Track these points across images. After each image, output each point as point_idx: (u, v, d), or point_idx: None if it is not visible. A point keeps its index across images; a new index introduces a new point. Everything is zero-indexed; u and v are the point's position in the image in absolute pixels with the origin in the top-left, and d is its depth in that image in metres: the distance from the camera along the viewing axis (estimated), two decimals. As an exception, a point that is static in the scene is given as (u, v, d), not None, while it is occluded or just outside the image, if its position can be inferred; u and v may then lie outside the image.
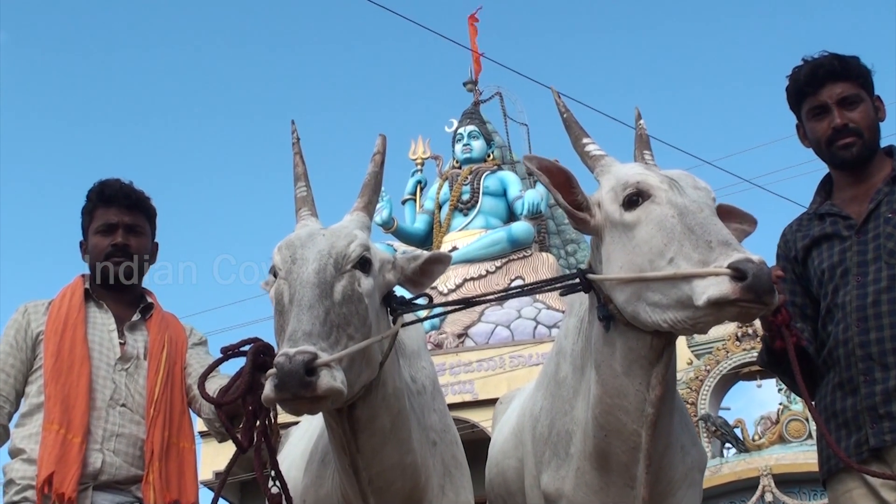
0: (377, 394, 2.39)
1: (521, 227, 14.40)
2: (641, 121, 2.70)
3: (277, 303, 2.30)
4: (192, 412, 3.16)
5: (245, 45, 45.03)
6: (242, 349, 2.43)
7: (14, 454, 2.93)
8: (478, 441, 6.68)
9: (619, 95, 40.63)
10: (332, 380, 2.07)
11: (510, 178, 15.44)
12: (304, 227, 2.45)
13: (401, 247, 13.96)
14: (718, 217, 2.30)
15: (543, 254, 14.56)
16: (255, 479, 2.45)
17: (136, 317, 3.15)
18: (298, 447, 3.16)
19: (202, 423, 3.14)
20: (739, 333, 11.87)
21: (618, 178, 2.40)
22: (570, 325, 2.74)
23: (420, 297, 2.61)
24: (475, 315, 13.55)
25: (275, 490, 2.48)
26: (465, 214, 15.14)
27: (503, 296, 2.82)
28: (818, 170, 2.98)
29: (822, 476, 2.78)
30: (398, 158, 16.46)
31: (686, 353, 12.26)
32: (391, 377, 2.45)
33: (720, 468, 11.39)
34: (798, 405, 11.12)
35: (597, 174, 2.50)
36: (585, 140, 2.55)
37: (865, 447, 2.60)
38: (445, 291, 13.56)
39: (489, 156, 15.87)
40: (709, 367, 12.00)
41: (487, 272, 14.04)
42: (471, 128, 15.96)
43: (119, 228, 3.13)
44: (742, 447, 11.66)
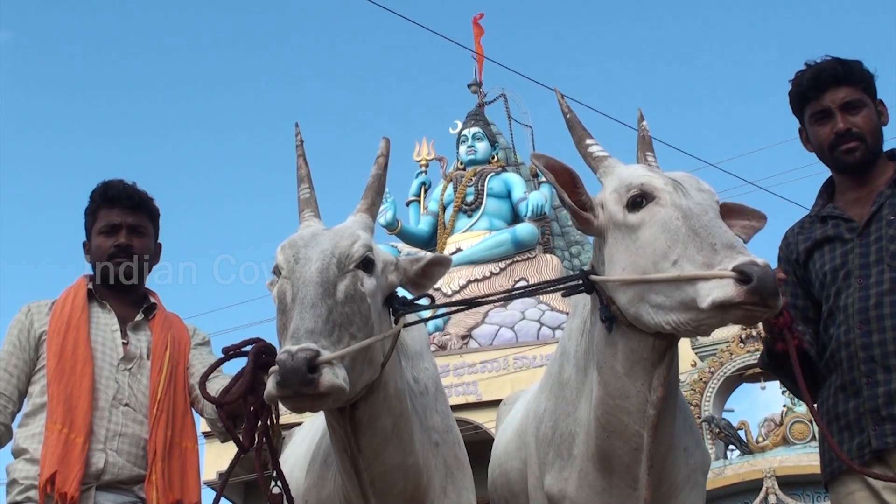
0: (379, 394, 2.39)
1: (526, 229, 14.38)
2: (644, 122, 2.70)
3: (280, 302, 2.30)
4: (195, 412, 3.17)
5: (248, 46, 45.05)
6: (244, 349, 2.43)
7: (17, 454, 2.94)
8: (481, 442, 6.68)
9: (623, 97, 40.57)
10: (335, 377, 2.07)
11: (514, 180, 15.41)
12: (308, 228, 2.46)
13: (405, 248, 13.96)
14: (724, 216, 2.30)
15: (547, 255, 14.53)
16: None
17: (140, 317, 3.16)
18: (301, 448, 3.16)
19: (205, 424, 3.15)
20: (743, 335, 11.83)
21: (621, 180, 2.39)
22: (574, 327, 2.74)
23: (422, 298, 2.61)
24: (479, 316, 13.54)
25: (276, 490, 2.48)
26: (470, 216, 15.11)
27: (505, 297, 2.82)
28: (821, 172, 2.98)
29: (825, 479, 2.77)
30: (402, 160, 16.45)
31: (690, 355, 12.24)
32: (393, 378, 2.45)
33: (723, 470, 11.35)
34: (802, 407, 11.07)
35: (600, 175, 2.50)
36: (589, 141, 2.55)
37: (868, 449, 2.59)
38: (449, 293, 13.55)
39: (493, 157, 15.83)
40: (713, 369, 11.97)
41: (491, 273, 14.01)
42: (475, 129, 15.92)
43: (122, 229, 3.14)
44: (746, 449, 11.63)
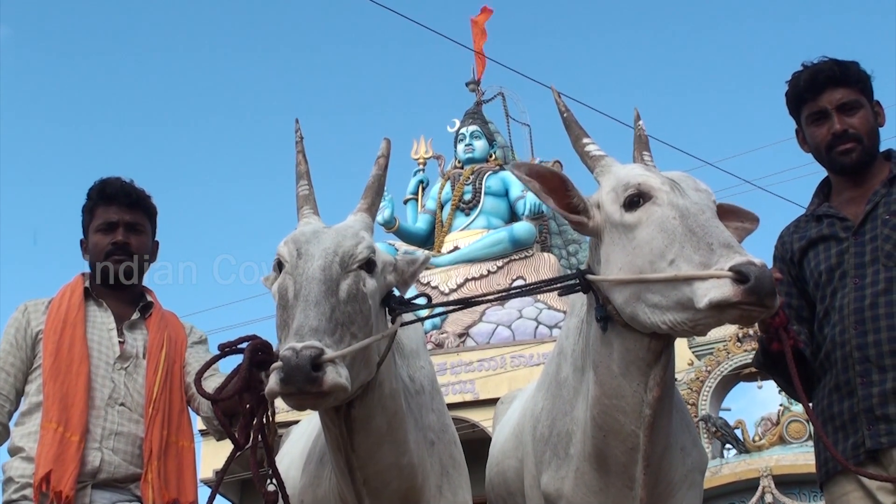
0: (374, 394, 2.39)
1: (523, 228, 14.38)
2: (640, 122, 2.70)
3: (281, 297, 2.29)
4: (192, 411, 3.16)
5: (247, 45, 45.03)
6: (240, 346, 2.42)
7: (13, 452, 2.94)
8: (478, 441, 6.69)
9: (621, 96, 40.56)
10: (338, 376, 2.07)
11: (512, 179, 15.39)
12: (308, 225, 2.45)
13: (402, 246, 13.96)
14: (719, 217, 2.30)
15: (545, 254, 14.52)
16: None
17: (136, 315, 3.15)
18: (298, 446, 3.15)
19: (202, 422, 3.15)
20: (740, 334, 11.84)
21: (619, 179, 2.39)
22: (572, 326, 2.74)
23: (419, 297, 2.61)
24: (476, 315, 13.53)
25: (271, 488, 2.48)
26: (467, 214, 15.12)
27: (502, 296, 2.82)
28: (819, 172, 2.98)
29: (820, 479, 2.77)
30: (400, 158, 16.44)
31: (687, 354, 12.24)
32: (388, 378, 2.44)
33: (720, 469, 11.36)
34: (798, 406, 11.07)
35: (597, 174, 2.49)
36: (585, 140, 2.55)
37: (862, 449, 2.59)
38: (447, 291, 13.56)
39: (491, 156, 15.82)
40: (709, 368, 11.97)
41: (489, 272, 14.01)
42: (473, 128, 15.91)
43: (119, 227, 3.13)
44: (742, 448, 11.63)
